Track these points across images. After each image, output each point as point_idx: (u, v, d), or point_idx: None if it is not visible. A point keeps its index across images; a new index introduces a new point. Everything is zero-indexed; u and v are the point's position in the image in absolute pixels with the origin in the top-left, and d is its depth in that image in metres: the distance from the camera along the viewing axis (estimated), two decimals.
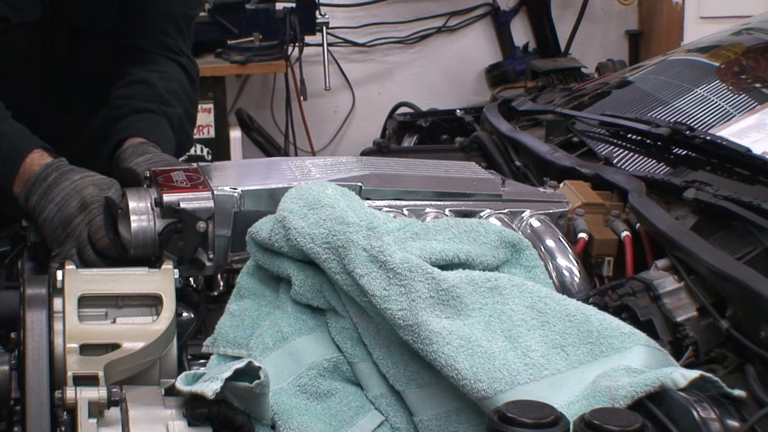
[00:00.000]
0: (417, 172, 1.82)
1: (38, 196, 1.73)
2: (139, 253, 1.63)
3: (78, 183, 1.72)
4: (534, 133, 2.37)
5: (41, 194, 1.73)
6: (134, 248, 1.63)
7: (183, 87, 2.22)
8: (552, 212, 1.76)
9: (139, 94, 2.13)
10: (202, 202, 1.64)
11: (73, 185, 1.71)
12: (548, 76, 3.89)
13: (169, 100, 2.14)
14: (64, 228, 1.69)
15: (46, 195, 1.72)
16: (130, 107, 2.09)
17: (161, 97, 2.13)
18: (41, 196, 1.73)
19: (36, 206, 1.73)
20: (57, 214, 1.70)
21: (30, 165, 1.79)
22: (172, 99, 2.16)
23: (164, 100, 2.13)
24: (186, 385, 1.33)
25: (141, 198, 1.66)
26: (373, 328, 1.43)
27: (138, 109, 2.09)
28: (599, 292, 1.61)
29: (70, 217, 1.69)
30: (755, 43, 2.44)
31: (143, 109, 2.09)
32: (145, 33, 2.21)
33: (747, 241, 1.63)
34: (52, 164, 1.76)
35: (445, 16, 5.39)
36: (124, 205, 1.66)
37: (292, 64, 4.78)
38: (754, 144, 1.91)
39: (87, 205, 1.69)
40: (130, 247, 1.63)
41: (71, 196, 1.70)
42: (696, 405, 1.22)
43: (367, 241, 1.43)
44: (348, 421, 1.40)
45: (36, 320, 1.40)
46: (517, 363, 1.31)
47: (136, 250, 1.63)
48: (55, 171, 1.75)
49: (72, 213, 1.69)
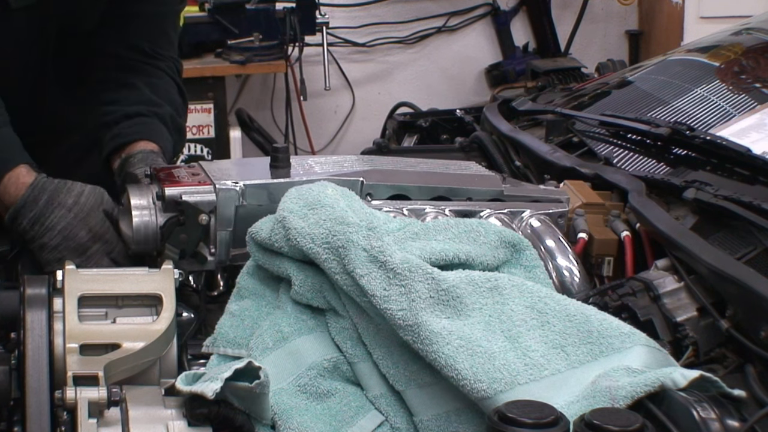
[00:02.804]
0: (418, 169, 1.82)
1: (30, 220, 1.74)
2: (140, 248, 1.63)
3: (76, 211, 1.73)
4: (534, 133, 2.37)
5: (33, 219, 1.74)
6: (136, 244, 1.63)
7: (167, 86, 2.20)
8: (552, 212, 1.76)
9: (126, 98, 2.11)
10: (204, 195, 1.64)
11: (72, 214, 1.73)
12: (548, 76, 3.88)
13: (156, 101, 2.13)
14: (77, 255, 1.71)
15: (39, 221, 1.73)
16: (121, 113, 2.08)
17: (149, 99, 2.12)
18: (33, 220, 1.74)
19: (29, 230, 1.74)
20: (63, 242, 1.72)
21: (15, 182, 1.78)
22: (158, 98, 2.14)
23: (152, 101, 2.12)
24: (186, 385, 1.33)
25: (143, 194, 1.67)
26: (373, 328, 1.43)
27: (129, 114, 2.08)
28: (599, 292, 1.61)
29: (83, 247, 1.73)
30: (755, 43, 2.44)
31: (134, 114, 2.08)
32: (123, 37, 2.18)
33: (747, 241, 1.63)
34: (37, 184, 1.76)
35: (445, 16, 5.39)
36: (125, 201, 1.66)
37: (292, 64, 4.78)
38: (754, 144, 1.91)
39: (100, 235, 1.73)
40: (131, 243, 1.63)
41: (76, 226, 1.73)
42: (696, 405, 1.22)
43: (367, 242, 1.43)
44: (348, 421, 1.40)
45: (36, 320, 1.40)
46: (517, 363, 1.31)
47: (137, 246, 1.63)
48: (42, 192, 1.75)
49: (85, 243, 1.73)
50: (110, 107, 2.11)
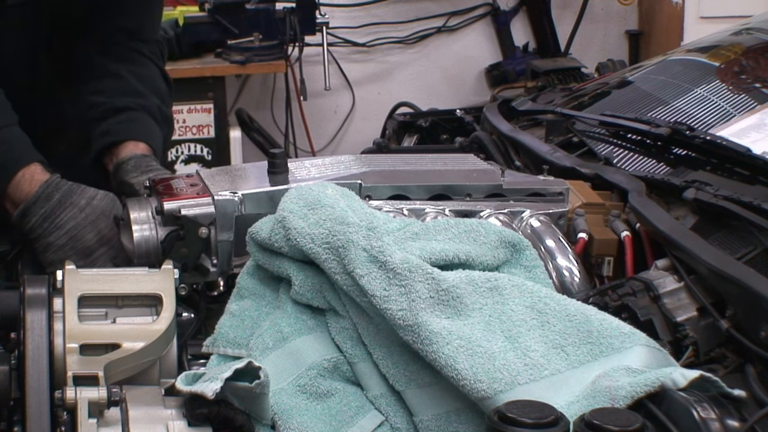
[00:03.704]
0: (416, 167, 1.82)
1: (40, 217, 1.73)
2: (143, 262, 1.63)
3: (88, 212, 1.73)
4: (534, 133, 2.37)
5: (43, 216, 1.73)
6: (137, 258, 1.63)
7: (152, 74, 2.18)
8: (552, 212, 1.76)
9: (111, 88, 2.09)
10: (203, 208, 1.64)
11: (83, 214, 1.73)
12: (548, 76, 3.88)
13: (143, 92, 2.11)
14: (81, 258, 1.71)
15: (49, 219, 1.73)
16: (108, 106, 2.06)
17: (136, 89, 2.10)
18: (43, 218, 1.73)
19: (37, 228, 1.74)
20: (69, 242, 1.72)
21: (30, 179, 1.78)
22: (144, 89, 2.12)
23: (139, 92, 2.10)
24: (186, 385, 1.33)
25: (142, 207, 1.67)
26: (373, 328, 1.43)
27: (117, 108, 2.06)
28: (599, 292, 1.61)
29: (89, 250, 1.73)
30: (755, 43, 2.44)
31: (122, 108, 2.06)
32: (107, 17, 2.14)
33: (747, 241, 1.63)
34: (51, 183, 1.76)
35: (445, 16, 5.39)
36: (125, 215, 1.67)
37: (292, 64, 4.78)
38: (754, 144, 1.91)
39: (107, 239, 1.73)
40: (133, 257, 1.64)
41: (85, 227, 1.73)
42: (696, 405, 1.22)
43: (367, 242, 1.43)
44: (348, 421, 1.40)
45: (36, 320, 1.40)
46: (517, 363, 1.31)
47: (139, 260, 1.63)
48: (56, 191, 1.75)
49: (91, 246, 1.73)
50: (97, 98, 2.09)
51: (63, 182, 1.77)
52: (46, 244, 1.73)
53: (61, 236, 1.72)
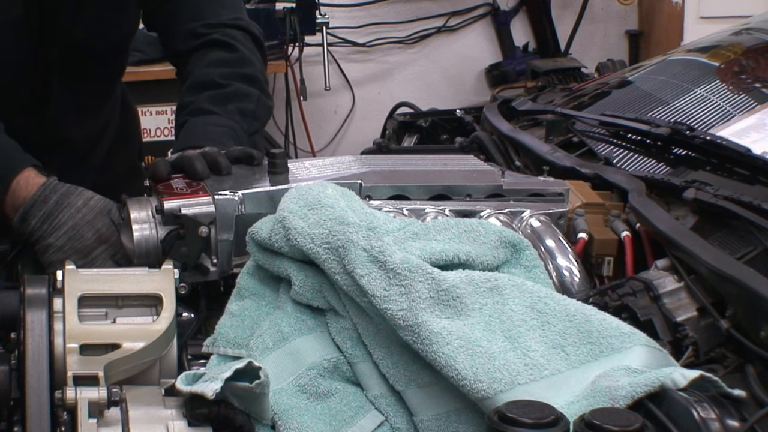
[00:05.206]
0: (416, 167, 1.82)
1: (39, 219, 1.74)
2: (143, 261, 1.63)
3: (85, 212, 1.74)
4: (534, 133, 2.37)
5: (42, 218, 1.74)
6: (138, 257, 1.63)
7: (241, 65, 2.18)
8: (552, 212, 1.76)
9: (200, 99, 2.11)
10: (202, 207, 1.64)
11: (81, 214, 1.73)
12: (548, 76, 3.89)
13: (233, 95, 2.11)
14: (81, 257, 1.71)
15: (48, 220, 1.73)
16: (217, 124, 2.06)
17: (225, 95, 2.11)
18: (42, 220, 1.74)
19: (37, 230, 1.74)
20: (68, 243, 1.72)
21: (25, 184, 1.79)
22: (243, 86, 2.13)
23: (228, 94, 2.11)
24: (186, 385, 1.33)
25: (142, 207, 1.67)
26: (373, 328, 1.43)
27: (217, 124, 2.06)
28: (599, 292, 1.61)
29: (88, 249, 1.72)
30: (755, 43, 2.44)
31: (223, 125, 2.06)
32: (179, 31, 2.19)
33: (747, 241, 1.63)
34: (48, 185, 1.77)
35: (445, 16, 5.39)
36: (125, 215, 1.67)
37: (292, 64, 4.79)
38: (754, 144, 1.91)
39: (106, 238, 1.73)
40: (133, 257, 1.64)
41: (83, 227, 1.73)
42: (696, 405, 1.22)
43: (367, 242, 1.43)
44: (348, 421, 1.40)
45: (36, 320, 1.40)
46: (517, 363, 1.31)
47: (139, 260, 1.63)
48: (53, 193, 1.75)
49: (90, 245, 1.73)
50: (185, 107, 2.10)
51: (60, 184, 1.77)
52: (46, 246, 1.73)
53: (60, 236, 1.72)
